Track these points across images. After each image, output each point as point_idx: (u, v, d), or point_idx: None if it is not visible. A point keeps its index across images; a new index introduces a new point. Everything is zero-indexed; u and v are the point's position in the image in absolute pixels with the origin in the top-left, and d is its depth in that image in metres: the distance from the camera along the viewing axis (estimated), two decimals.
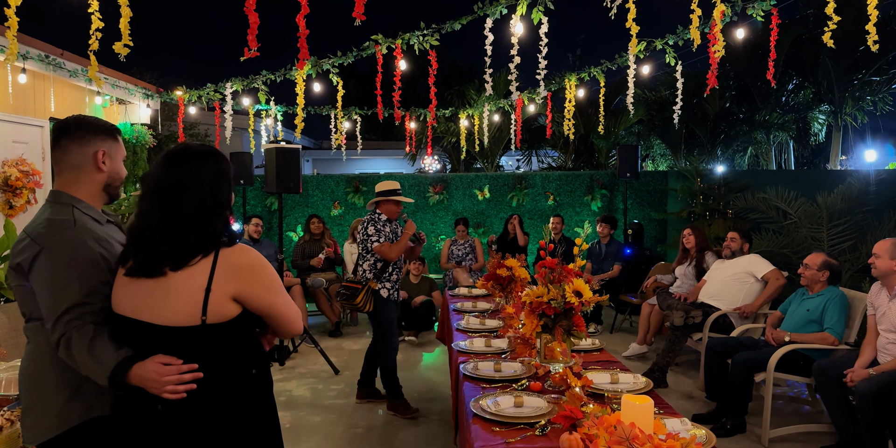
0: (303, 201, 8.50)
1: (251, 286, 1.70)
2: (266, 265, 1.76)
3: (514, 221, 7.46)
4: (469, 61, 27.60)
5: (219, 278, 1.65)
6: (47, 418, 1.75)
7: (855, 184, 6.07)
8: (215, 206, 1.72)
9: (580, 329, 2.45)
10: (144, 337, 1.67)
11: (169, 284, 1.64)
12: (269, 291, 1.74)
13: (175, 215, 1.67)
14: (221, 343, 1.69)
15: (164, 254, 1.65)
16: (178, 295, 1.63)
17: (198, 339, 1.65)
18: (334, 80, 6.57)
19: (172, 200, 1.68)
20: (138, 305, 1.66)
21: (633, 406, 1.63)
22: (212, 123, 8.22)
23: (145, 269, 1.65)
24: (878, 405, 3.20)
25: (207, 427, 1.68)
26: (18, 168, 5.58)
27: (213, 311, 1.64)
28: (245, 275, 1.69)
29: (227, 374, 1.71)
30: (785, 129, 13.13)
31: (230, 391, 1.71)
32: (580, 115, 11.10)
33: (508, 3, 4.97)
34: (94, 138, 1.86)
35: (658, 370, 4.86)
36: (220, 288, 1.65)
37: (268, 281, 1.74)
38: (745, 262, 5.01)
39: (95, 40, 3.70)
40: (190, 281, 1.64)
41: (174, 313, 1.63)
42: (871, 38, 4.03)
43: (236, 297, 1.68)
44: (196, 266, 1.65)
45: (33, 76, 6.06)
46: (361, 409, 4.48)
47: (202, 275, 1.65)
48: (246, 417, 1.74)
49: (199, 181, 1.71)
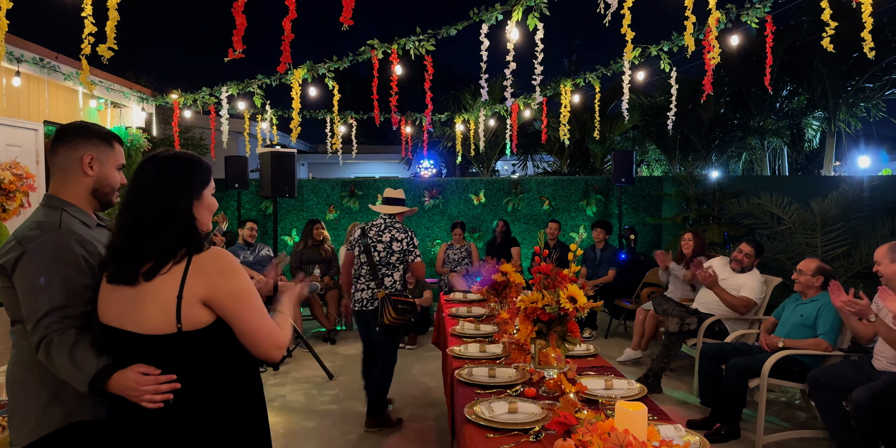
0: (298, 205, 8.48)
1: (216, 291, 1.65)
2: (237, 271, 1.70)
3: (499, 225, 7.52)
4: (465, 66, 27.68)
5: (189, 284, 1.63)
6: (28, 422, 1.76)
7: (849, 190, 6.09)
8: (170, 212, 1.68)
9: (574, 335, 2.45)
10: (126, 346, 1.66)
11: (145, 292, 1.63)
12: (237, 301, 1.67)
13: (136, 221, 1.67)
14: (201, 350, 1.67)
15: (129, 260, 1.65)
16: (153, 303, 1.63)
17: (176, 346, 1.64)
18: (330, 84, 6.57)
19: (132, 206, 1.68)
20: (120, 314, 1.66)
21: (627, 412, 1.62)
22: (207, 127, 8.21)
23: (121, 276, 1.65)
24: (873, 413, 3.20)
25: (189, 433, 1.67)
26: (12, 171, 5.55)
27: (186, 319, 1.63)
28: (217, 279, 1.66)
29: (207, 380, 1.69)
30: (779, 135, 13.21)
31: (212, 397, 1.69)
32: (576, 121, 11.13)
33: (504, 10, 4.98)
34: (83, 143, 1.88)
35: (653, 376, 4.86)
36: (190, 294, 1.63)
37: (237, 288, 1.68)
38: (744, 279, 4.95)
39: (88, 45, 3.69)
40: (163, 288, 1.63)
41: (152, 322, 1.63)
42: (867, 46, 4.05)
43: (205, 302, 1.65)
44: (168, 273, 1.63)
45: (27, 79, 6.04)
46: (356, 415, 4.46)
47: (174, 281, 1.63)
48: (230, 423, 1.72)
49: (157, 187, 1.69)
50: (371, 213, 8.55)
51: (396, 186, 8.53)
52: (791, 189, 6.65)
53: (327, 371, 5.37)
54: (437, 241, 8.54)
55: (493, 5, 5.05)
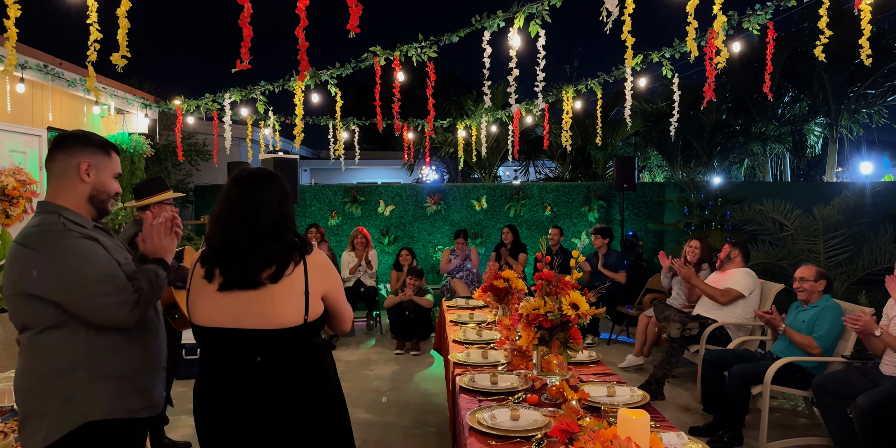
0: (300, 211, 8.50)
1: (331, 284, 2.00)
2: (333, 266, 2.05)
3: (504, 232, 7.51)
4: (467, 72, 27.74)
5: (312, 281, 1.93)
6: (43, 427, 1.77)
7: (851, 196, 6.09)
8: (284, 218, 1.95)
9: (577, 342, 2.44)
10: (247, 342, 1.88)
11: (273, 293, 1.87)
12: (340, 289, 2.06)
13: (253, 231, 1.89)
14: (314, 335, 1.99)
15: (254, 264, 1.87)
16: (285, 301, 1.88)
17: (301, 335, 1.92)
18: (333, 90, 6.59)
19: (248, 218, 1.90)
20: (240, 315, 1.87)
21: (630, 420, 1.62)
22: (210, 133, 8.23)
23: (243, 282, 1.87)
24: (877, 420, 3.19)
25: (301, 382, 1.93)
26: (15, 177, 5.57)
27: (312, 311, 1.93)
28: (326, 274, 1.99)
29: (323, 358, 2.05)
30: (781, 141, 13.20)
31: (317, 359, 2.01)
32: (577, 127, 11.14)
33: (506, 17, 5.00)
34: (81, 150, 1.93)
35: (655, 382, 4.85)
36: (314, 290, 1.93)
37: (338, 280, 2.06)
38: (733, 279, 4.99)
39: (94, 51, 3.71)
40: (291, 288, 1.89)
41: (283, 317, 1.88)
42: (865, 53, 4.06)
43: (323, 295, 1.98)
44: (292, 275, 1.90)
45: (31, 86, 6.07)
46: (357, 421, 4.45)
47: (300, 280, 1.91)
48: (329, 376, 2.06)
49: (269, 199, 1.94)
50: (373, 219, 8.57)
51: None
52: (793, 195, 6.65)
53: None
54: (440, 247, 8.54)
55: (496, 12, 5.07)
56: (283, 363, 1.91)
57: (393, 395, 5.04)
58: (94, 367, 1.81)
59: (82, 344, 1.80)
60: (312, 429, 1.96)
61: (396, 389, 5.20)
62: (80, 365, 1.79)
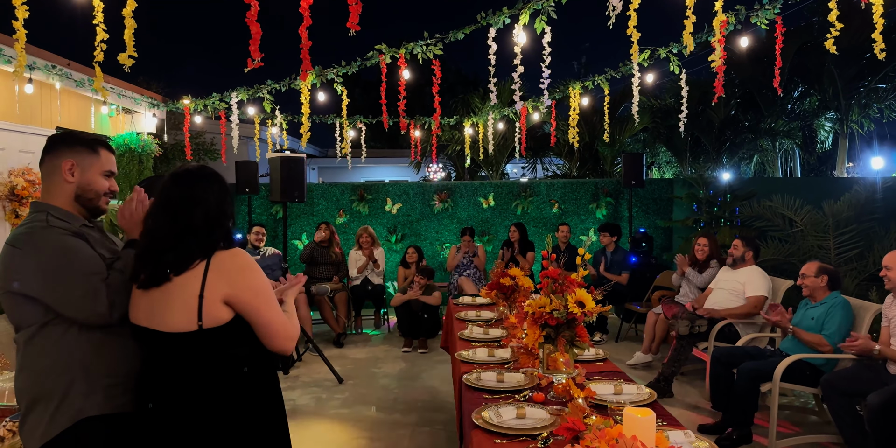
0: (308, 210, 8.51)
1: (237, 288, 1.76)
2: (255, 269, 1.82)
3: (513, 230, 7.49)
4: (474, 70, 27.69)
5: (210, 282, 1.73)
6: (41, 425, 1.80)
7: (861, 191, 6.03)
8: (220, 216, 1.84)
9: (583, 339, 2.43)
10: (154, 344, 1.77)
11: (172, 291, 1.73)
12: (256, 296, 1.78)
13: (185, 227, 1.78)
14: (221, 348, 1.77)
15: (170, 261, 1.75)
16: (178, 302, 1.73)
17: (196, 344, 1.73)
18: (339, 89, 6.59)
19: (183, 214, 1.80)
20: (150, 314, 1.76)
21: (635, 419, 1.61)
22: (217, 132, 8.26)
23: (154, 278, 1.75)
24: (888, 418, 3.16)
25: (200, 427, 1.74)
26: (25, 177, 5.62)
27: (207, 316, 1.72)
28: (233, 276, 1.76)
29: (222, 375, 1.78)
30: (791, 136, 13.11)
31: (224, 392, 1.77)
32: (585, 123, 11.10)
33: (511, 13, 4.98)
34: (66, 151, 1.95)
35: (663, 380, 4.83)
36: (211, 292, 1.73)
37: (256, 285, 1.79)
38: (745, 276, 4.95)
39: (101, 52, 3.72)
40: (186, 287, 1.73)
41: (177, 320, 1.72)
42: (878, 47, 4.02)
43: (226, 300, 1.75)
44: (192, 271, 1.74)
45: (40, 86, 6.11)
46: (365, 419, 4.46)
47: (196, 280, 1.73)
48: (243, 418, 1.79)
49: (207, 197, 1.83)
50: (380, 217, 8.57)
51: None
52: (803, 191, 6.60)
53: (337, 375, 5.37)
54: (447, 245, 8.54)
55: (501, 9, 5.05)
56: (176, 413, 1.74)
57: (401, 393, 5.04)
58: (87, 365, 1.83)
59: (74, 342, 1.82)
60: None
61: (404, 387, 5.21)
62: (74, 362, 1.82)
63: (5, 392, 2.88)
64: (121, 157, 7.06)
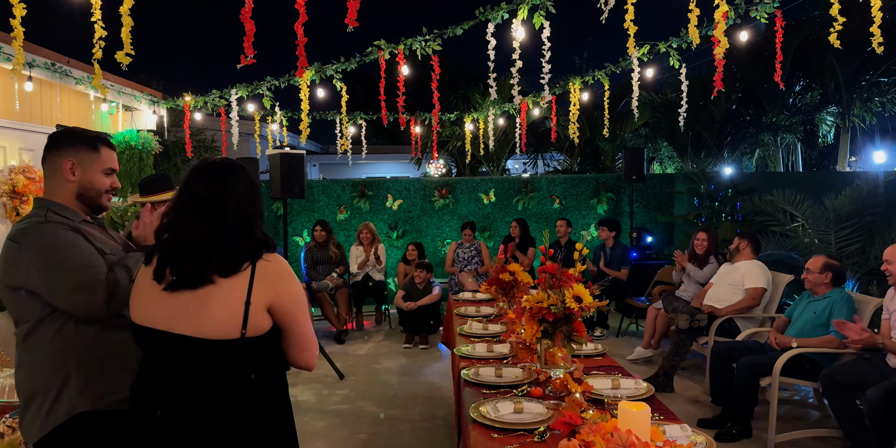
0: (308, 206, 8.52)
1: (281, 296, 1.69)
2: (295, 277, 1.76)
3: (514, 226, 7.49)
4: (475, 65, 27.57)
5: (256, 289, 1.65)
6: (39, 418, 1.83)
7: (863, 186, 6.01)
8: (255, 214, 1.75)
9: (581, 334, 2.44)
10: (172, 349, 1.65)
11: (213, 295, 1.63)
12: (294, 303, 1.72)
13: (220, 225, 1.68)
14: (256, 356, 1.68)
15: (216, 261, 1.64)
16: (220, 306, 1.62)
17: (237, 352, 1.64)
18: (338, 85, 6.58)
19: (215, 211, 1.69)
20: (172, 318, 1.64)
21: (630, 413, 1.61)
22: (218, 129, 8.26)
23: (192, 280, 1.63)
24: (888, 412, 3.16)
25: (215, 436, 1.64)
26: (25, 175, 5.62)
27: (252, 324, 1.64)
28: (279, 283, 1.69)
29: (242, 384, 1.67)
30: (792, 131, 13.07)
31: (240, 400, 1.68)
32: (585, 119, 11.08)
33: (509, 9, 4.97)
34: (67, 149, 1.96)
35: (663, 374, 4.83)
36: (257, 299, 1.65)
37: (296, 293, 1.74)
38: (744, 270, 4.95)
39: (99, 49, 3.72)
40: (232, 291, 1.63)
41: (217, 326, 1.62)
42: (876, 40, 4.01)
43: (270, 307, 1.68)
44: (239, 276, 1.65)
45: (40, 84, 6.11)
46: (366, 415, 4.47)
47: (243, 285, 1.64)
48: (257, 425, 1.69)
49: (237, 191, 1.74)
50: (381, 213, 8.57)
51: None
52: (804, 185, 6.58)
53: (338, 371, 5.39)
54: (448, 241, 8.53)
55: (499, 4, 5.04)
56: (195, 414, 1.62)
57: (401, 389, 5.06)
58: (83, 360, 1.85)
59: (71, 337, 1.84)
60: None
61: (405, 383, 5.22)
62: (70, 357, 1.84)
63: (5, 389, 2.89)
64: (121, 154, 7.07)
